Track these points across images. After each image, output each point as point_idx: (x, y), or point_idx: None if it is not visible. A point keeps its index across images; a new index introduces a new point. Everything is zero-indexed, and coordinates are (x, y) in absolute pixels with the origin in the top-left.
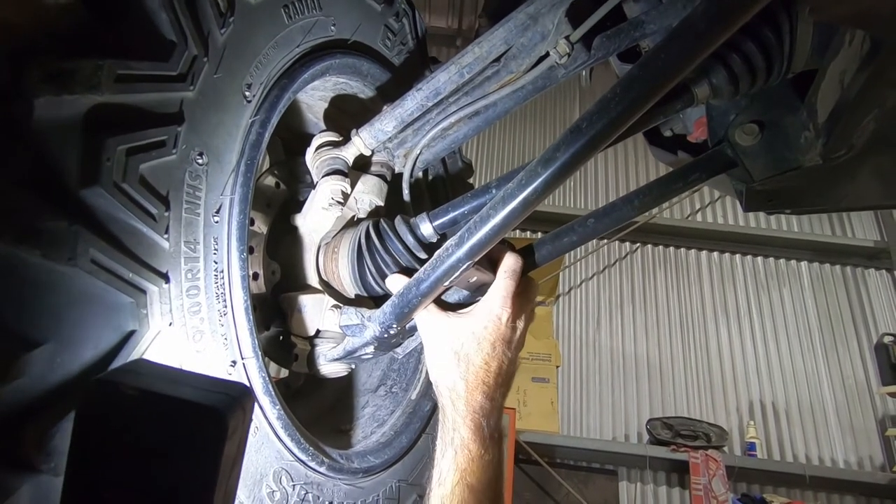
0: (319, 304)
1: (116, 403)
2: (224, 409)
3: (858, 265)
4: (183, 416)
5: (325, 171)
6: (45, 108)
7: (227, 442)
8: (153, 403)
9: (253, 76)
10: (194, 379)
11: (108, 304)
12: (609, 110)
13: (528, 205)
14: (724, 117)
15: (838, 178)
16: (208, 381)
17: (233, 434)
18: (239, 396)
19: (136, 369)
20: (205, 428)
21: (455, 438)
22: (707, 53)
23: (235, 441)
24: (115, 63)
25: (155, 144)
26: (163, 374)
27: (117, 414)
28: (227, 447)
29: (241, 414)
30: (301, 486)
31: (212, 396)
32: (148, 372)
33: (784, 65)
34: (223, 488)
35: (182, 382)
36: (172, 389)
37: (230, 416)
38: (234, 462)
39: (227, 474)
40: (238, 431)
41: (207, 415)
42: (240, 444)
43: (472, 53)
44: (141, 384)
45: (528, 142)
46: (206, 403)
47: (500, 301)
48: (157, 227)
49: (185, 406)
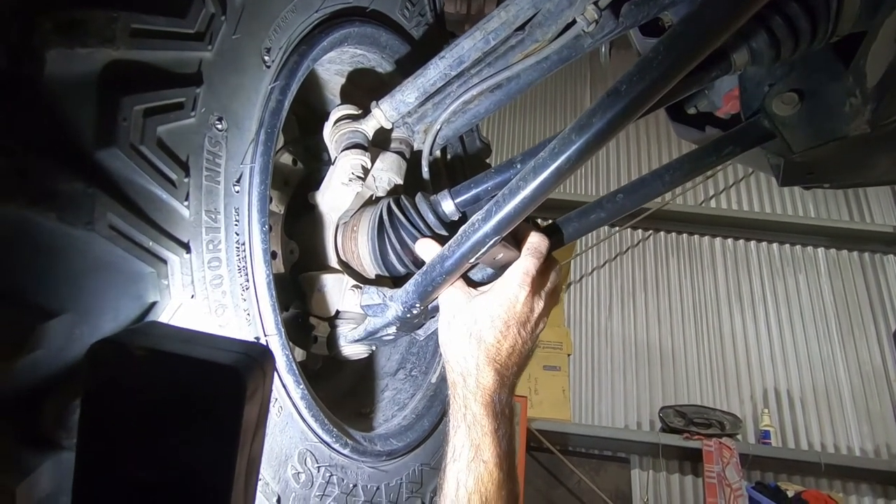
0: (339, 283)
1: (125, 365)
2: (242, 369)
3: (877, 251)
4: (197, 377)
5: (345, 146)
6: (58, 62)
7: (246, 404)
8: (165, 364)
9: (272, 40)
10: (210, 339)
11: (127, 273)
12: (651, 70)
13: (560, 175)
14: (759, 88)
15: (884, 148)
16: (225, 340)
17: (252, 396)
18: (258, 357)
19: (146, 330)
20: (221, 389)
21: (467, 415)
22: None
23: (256, 404)
24: (129, 16)
25: (173, 106)
26: (176, 335)
27: (127, 376)
28: (246, 410)
29: (260, 375)
30: (326, 468)
31: (228, 356)
32: (160, 332)
33: (830, 27)
34: (245, 456)
35: (197, 342)
36: (186, 349)
37: (248, 376)
38: (257, 429)
39: (249, 441)
40: (258, 394)
41: (224, 374)
42: (261, 408)
43: (498, 18)
44: (150, 344)
45: (538, 128)
46: (222, 362)
47: (519, 280)
48: (176, 194)
49: (200, 365)
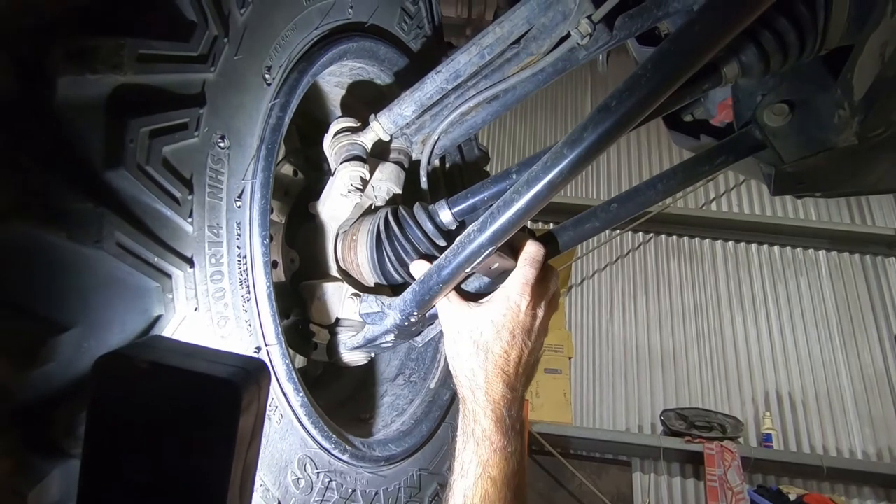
0: (339, 292)
1: (129, 377)
2: (238, 382)
3: (878, 254)
4: (196, 389)
5: (344, 157)
6: (69, 87)
7: (241, 415)
8: (166, 376)
9: (272, 58)
10: (210, 353)
11: (134, 288)
12: (640, 87)
13: (553, 187)
14: (751, 98)
15: (874, 158)
16: (224, 355)
17: (248, 407)
18: (254, 371)
19: (151, 343)
20: (218, 400)
21: (476, 430)
22: (745, 24)
23: (251, 415)
24: (136, 42)
25: (177, 126)
26: (178, 349)
27: (130, 388)
28: (242, 420)
29: (255, 388)
30: (325, 474)
31: (225, 369)
32: (163, 346)
33: (818, 40)
34: (241, 464)
35: (197, 356)
36: (186, 363)
37: (244, 388)
38: (252, 438)
39: (245, 450)
40: (254, 406)
41: (220, 387)
42: (256, 419)
43: (493, 34)
44: (154, 357)
45: (539, 134)
46: (219, 375)
47: (520, 289)
48: (181, 211)
49: (198, 378)
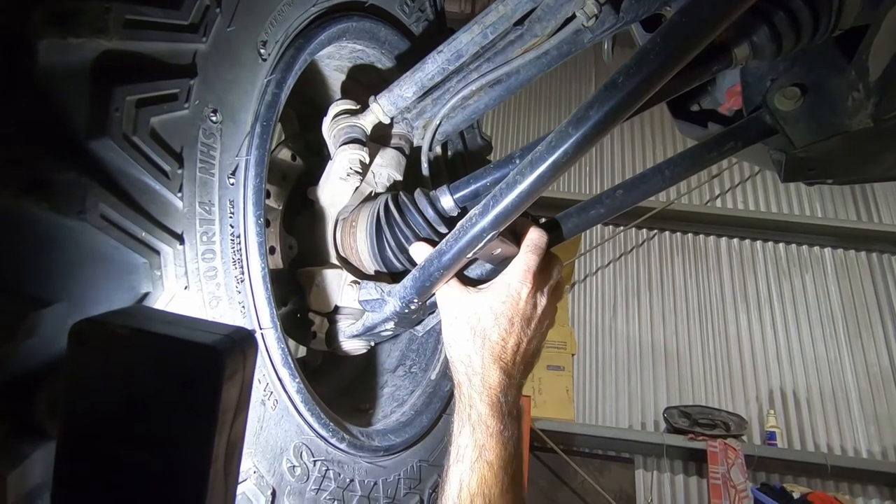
0: (338, 279)
1: (106, 344)
2: (221, 349)
3: (885, 251)
4: (176, 356)
5: (343, 140)
6: (50, 52)
7: (224, 384)
8: (145, 343)
9: (268, 33)
10: (193, 322)
11: (120, 263)
12: (648, 62)
13: (557, 169)
14: (761, 83)
15: (888, 143)
16: (209, 323)
17: (231, 377)
18: (240, 340)
19: (131, 312)
20: (199, 368)
21: (472, 414)
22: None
23: (235, 386)
24: (123, 6)
25: (166, 97)
26: (160, 317)
27: (108, 354)
28: (225, 390)
29: (240, 357)
30: (322, 463)
31: (209, 336)
32: (145, 314)
33: (832, 20)
34: (224, 437)
35: (179, 324)
36: (167, 329)
37: (227, 356)
38: (237, 412)
39: (229, 423)
40: (238, 376)
41: (202, 353)
42: (241, 391)
43: (496, 12)
44: (134, 324)
45: (541, 127)
46: (201, 341)
47: (521, 276)
48: (170, 185)
49: (178, 345)
